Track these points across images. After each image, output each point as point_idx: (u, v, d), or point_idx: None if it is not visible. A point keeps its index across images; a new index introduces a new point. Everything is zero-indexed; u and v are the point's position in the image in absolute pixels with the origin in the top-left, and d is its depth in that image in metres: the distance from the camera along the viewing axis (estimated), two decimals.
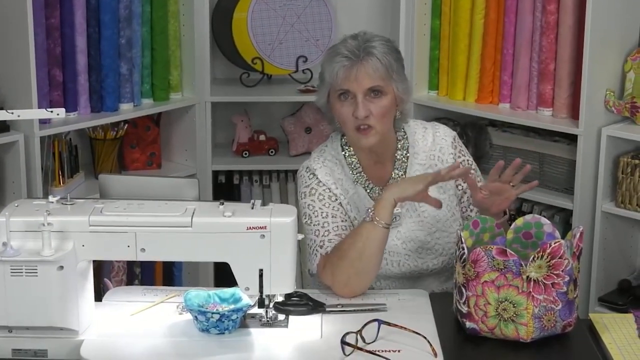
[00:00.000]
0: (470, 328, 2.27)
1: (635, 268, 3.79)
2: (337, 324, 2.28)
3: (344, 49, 2.55)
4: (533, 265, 2.21)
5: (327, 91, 2.60)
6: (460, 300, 2.29)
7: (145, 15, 3.74)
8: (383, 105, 2.55)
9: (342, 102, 2.56)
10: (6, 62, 3.39)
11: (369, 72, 2.53)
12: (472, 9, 3.79)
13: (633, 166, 3.51)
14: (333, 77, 2.55)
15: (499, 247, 2.23)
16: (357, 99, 2.53)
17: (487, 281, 2.23)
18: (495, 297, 2.23)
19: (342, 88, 2.55)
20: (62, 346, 2.19)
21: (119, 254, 2.24)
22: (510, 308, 2.23)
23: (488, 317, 2.24)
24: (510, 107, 3.78)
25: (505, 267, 2.22)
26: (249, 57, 4.00)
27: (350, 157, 2.66)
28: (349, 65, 2.53)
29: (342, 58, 2.54)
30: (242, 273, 2.22)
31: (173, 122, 4.00)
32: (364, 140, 2.56)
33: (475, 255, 2.24)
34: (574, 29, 3.56)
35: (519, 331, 2.24)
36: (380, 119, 2.55)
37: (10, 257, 2.12)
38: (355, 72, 2.52)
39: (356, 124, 2.54)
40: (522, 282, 2.22)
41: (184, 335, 2.23)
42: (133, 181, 2.37)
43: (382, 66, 2.53)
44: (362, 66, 2.53)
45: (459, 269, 2.28)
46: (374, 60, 2.53)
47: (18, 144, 3.36)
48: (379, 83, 2.54)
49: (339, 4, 4.15)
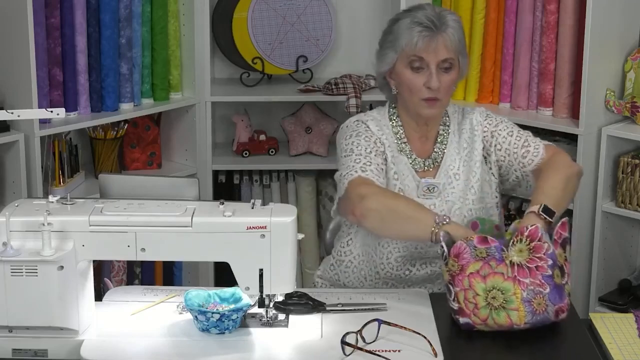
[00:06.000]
0: (464, 323, 2.27)
1: (635, 268, 3.79)
2: (337, 323, 2.27)
3: (424, 17, 2.57)
4: (514, 249, 2.25)
5: (396, 57, 2.61)
6: (450, 299, 2.29)
7: (145, 15, 3.74)
8: (451, 78, 2.59)
9: (414, 72, 2.58)
10: (6, 62, 3.39)
11: (447, 44, 2.56)
12: (472, 8, 3.79)
13: (633, 166, 3.51)
14: (411, 46, 2.56)
15: (479, 236, 2.26)
16: (431, 69, 2.56)
17: (473, 272, 2.25)
18: (482, 287, 2.25)
19: (417, 55, 2.56)
20: (62, 346, 2.18)
21: (119, 254, 2.24)
22: (499, 295, 2.25)
23: (479, 308, 2.25)
24: (511, 107, 3.79)
25: (488, 254, 2.25)
26: (249, 57, 4.00)
27: (396, 127, 2.67)
28: (430, 36, 2.55)
29: (421, 28, 2.56)
30: (242, 273, 2.21)
31: (173, 121, 4.00)
32: (428, 110, 2.59)
33: (457, 249, 2.25)
34: (574, 29, 3.56)
35: (511, 317, 2.25)
36: (447, 92, 2.60)
37: (10, 257, 2.12)
38: (435, 43, 2.55)
39: (427, 94, 2.57)
40: (506, 268, 2.25)
41: (184, 335, 2.23)
42: (133, 181, 2.37)
43: (457, 40, 2.58)
44: (442, 37, 2.56)
45: (443, 268, 2.29)
46: (451, 32, 2.57)
47: (18, 144, 3.36)
48: (452, 56, 2.57)
49: (339, 4, 4.15)
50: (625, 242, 3.73)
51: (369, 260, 2.67)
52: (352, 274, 2.70)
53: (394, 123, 2.68)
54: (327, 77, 4.08)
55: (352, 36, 4.20)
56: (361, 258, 2.69)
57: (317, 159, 4.08)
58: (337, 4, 4.14)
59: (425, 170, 2.65)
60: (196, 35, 3.86)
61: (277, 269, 2.20)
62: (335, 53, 4.19)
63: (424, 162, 2.66)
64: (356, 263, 2.70)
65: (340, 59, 4.21)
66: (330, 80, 3.99)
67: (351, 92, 3.90)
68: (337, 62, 4.21)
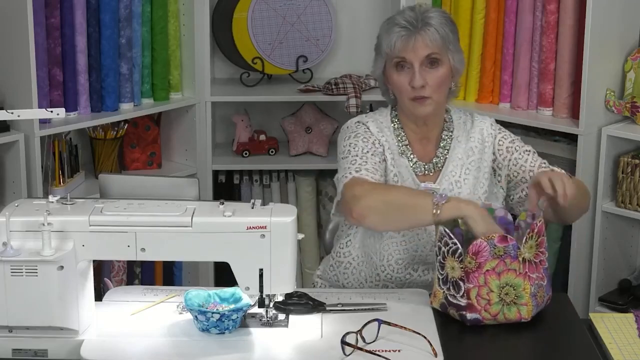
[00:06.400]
0: (472, 319, 2.28)
1: (636, 268, 3.79)
2: (337, 323, 2.27)
3: (402, 19, 2.58)
4: (526, 246, 2.29)
5: (384, 62, 2.63)
6: (457, 294, 2.29)
7: (145, 15, 3.74)
8: (439, 75, 2.58)
9: (399, 72, 2.59)
10: (6, 62, 3.39)
11: (426, 42, 2.56)
12: (472, 8, 3.79)
13: (633, 166, 3.51)
14: (391, 47, 2.58)
15: (500, 235, 2.28)
16: (414, 67, 2.56)
17: (489, 270, 2.27)
18: (497, 284, 2.28)
19: (399, 56, 2.57)
20: (62, 346, 2.18)
21: (119, 254, 2.23)
22: (511, 291, 2.28)
23: (491, 304, 2.28)
24: (511, 107, 3.79)
25: (505, 252, 2.27)
26: (249, 57, 4.00)
27: (398, 129, 2.67)
28: (407, 35, 2.56)
29: (399, 28, 2.57)
30: (242, 273, 2.21)
31: (173, 121, 4.00)
32: (420, 108, 2.59)
33: (477, 247, 2.26)
34: (574, 29, 3.56)
35: (521, 312, 2.29)
36: (437, 89, 2.58)
37: (10, 257, 2.12)
38: (413, 42, 2.55)
39: (413, 94, 2.58)
40: (518, 264, 2.29)
41: (184, 335, 2.23)
42: (133, 181, 2.37)
43: (439, 36, 2.57)
44: (420, 36, 2.56)
45: (453, 264, 2.29)
46: (431, 31, 2.56)
47: (18, 144, 3.36)
48: (436, 51, 2.56)
49: (339, 4, 4.15)
50: (625, 242, 3.72)
51: (369, 262, 2.67)
52: (352, 275, 2.70)
53: (395, 125, 2.68)
54: (327, 77, 4.08)
55: (352, 36, 4.20)
56: (361, 259, 2.69)
57: (317, 159, 4.08)
58: (337, 4, 4.14)
59: (425, 174, 2.65)
60: (196, 35, 3.86)
61: (277, 269, 2.20)
62: (335, 53, 4.20)
63: (424, 165, 2.66)
64: (355, 264, 2.70)
65: (340, 59, 4.21)
66: (330, 80, 3.99)
67: (351, 92, 3.90)
68: (337, 62, 4.21)
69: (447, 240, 2.29)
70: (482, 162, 2.67)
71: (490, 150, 2.68)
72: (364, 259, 2.68)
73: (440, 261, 2.32)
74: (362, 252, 2.68)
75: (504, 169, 2.68)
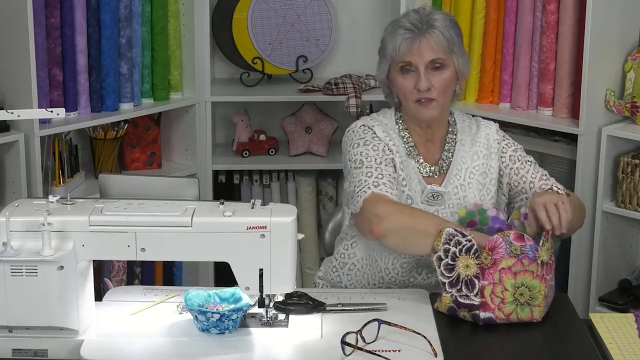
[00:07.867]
0: (486, 318, 2.29)
1: (636, 268, 3.79)
2: (337, 323, 2.27)
3: (406, 21, 2.57)
4: (543, 249, 2.31)
5: (388, 65, 2.62)
6: (470, 294, 2.29)
7: (145, 15, 3.74)
8: (444, 78, 2.57)
9: (404, 75, 2.58)
10: (6, 62, 3.39)
11: (431, 45, 2.55)
12: (472, 8, 3.79)
13: (633, 166, 3.51)
14: (395, 50, 2.57)
15: (516, 233, 2.30)
16: (419, 71, 2.55)
17: (504, 268, 2.29)
18: (512, 283, 2.29)
19: (404, 60, 2.57)
20: (62, 346, 2.18)
21: (119, 254, 2.24)
22: (526, 292, 2.30)
23: (505, 303, 2.29)
24: (511, 107, 3.78)
25: (522, 252, 2.29)
26: (249, 57, 4.00)
27: (403, 131, 2.67)
28: (412, 38, 2.55)
29: (404, 31, 2.56)
30: (242, 273, 2.21)
31: (173, 121, 4.00)
32: (424, 111, 2.58)
33: (493, 243, 2.28)
34: (574, 29, 3.56)
35: (534, 313, 2.31)
36: (442, 92, 2.58)
37: (10, 257, 2.12)
38: (418, 45, 2.55)
39: (418, 96, 2.57)
40: (537, 267, 2.31)
41: (184, 335, 2.23)
42: (133, 181, 2.37)
43: (444, 39, 2.56)
44: (425, 39, 2.55)
45: (468, 262, 2.29)
46: (436, 33, 2.55)
47: (18, 144, 3.36)
48: (441, 55, 2.56)
49: (339, 4, 4.15)
50: (625, 242, 3.72)
51: (373, 265, 2.66)
52: (355, 277, 2.70)
53: (400, 127, 2.67)
54: (327, 77, 4.08)
55: (352, 36, 4.20)
56: (365, 262, 2.68)
57: (317, 159, 4.08)
58: (337, 4, 4.14)
59: (431, 176, 2.65)
60: (196, 35, 3.86)
61: (277, 269, 2.20)
62: (335, 53, 4.20)
63: (430, 168, 2.66)
64: (359, 266, 2.69)
65: (340, 59, 4.21)
66: (330, 80, 3.99)
67: (351, 92, 3.90)
68: (337, 62, 4.21)
69: (460, 239, 2.29)
70: (489, 168, 2.67)
71: (497, 156, 2.68)
72: (368, 262, 2.67)
73: (447, 264, 2.32)
74: (366, 255, 2.67)
75: (505, 176, 2.68)
